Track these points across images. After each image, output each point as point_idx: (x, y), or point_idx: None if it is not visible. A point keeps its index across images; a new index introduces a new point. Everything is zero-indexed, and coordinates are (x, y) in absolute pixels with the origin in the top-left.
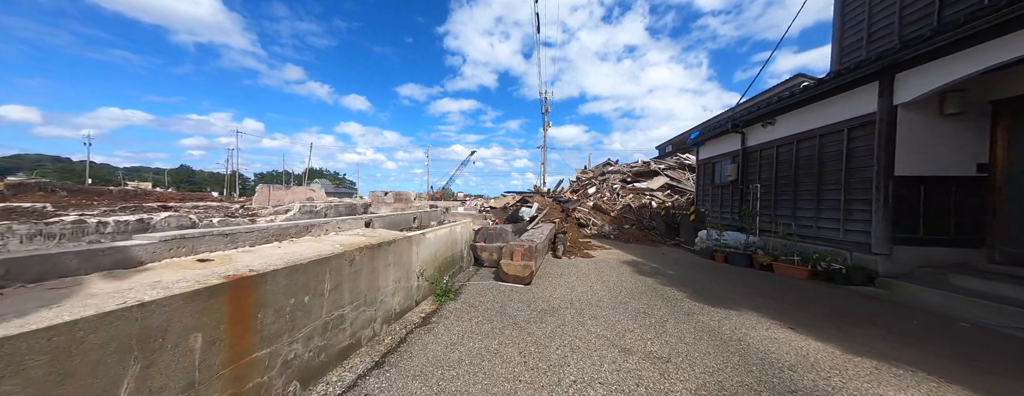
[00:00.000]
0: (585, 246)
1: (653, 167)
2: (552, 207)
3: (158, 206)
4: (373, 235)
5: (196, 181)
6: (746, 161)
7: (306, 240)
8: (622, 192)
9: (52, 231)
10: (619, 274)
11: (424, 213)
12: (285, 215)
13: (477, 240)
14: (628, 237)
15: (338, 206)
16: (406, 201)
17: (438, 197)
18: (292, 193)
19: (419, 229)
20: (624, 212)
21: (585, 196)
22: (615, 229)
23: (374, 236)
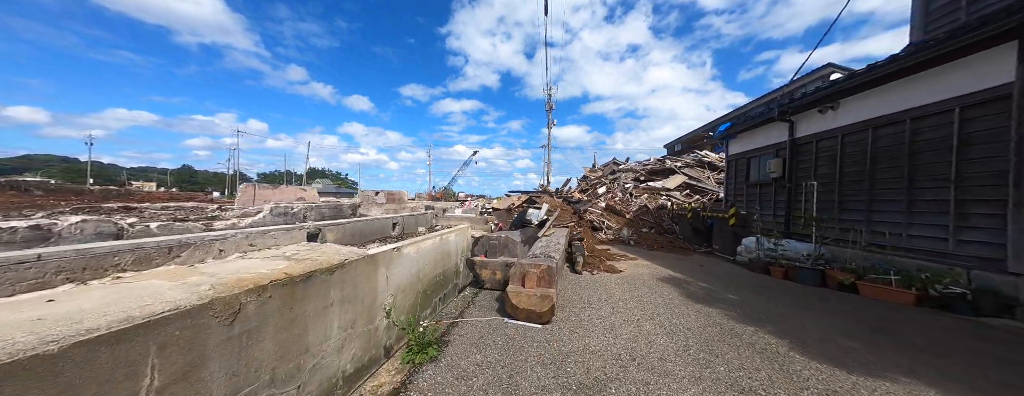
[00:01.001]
0: (605, 255)
1: (669, 165)
2: (562, 209)
3: (119, 207)
4: (309, 256)
5: (198, 181)
6: (795, 155)
7: (161, 275)
8: (635, 192)
9: None
10: (666, 301)
11: (410, 218)
12: (253, 217)
13: (476, 252)
14: (650, 243)
15: (321, 208)
16: (399, 202)
17: (439, 197)
18: (280, 192)
19: (396, 241)
20: (641, 213)
21: (595, 196)
22: (633, 233)
23: (309, 258)
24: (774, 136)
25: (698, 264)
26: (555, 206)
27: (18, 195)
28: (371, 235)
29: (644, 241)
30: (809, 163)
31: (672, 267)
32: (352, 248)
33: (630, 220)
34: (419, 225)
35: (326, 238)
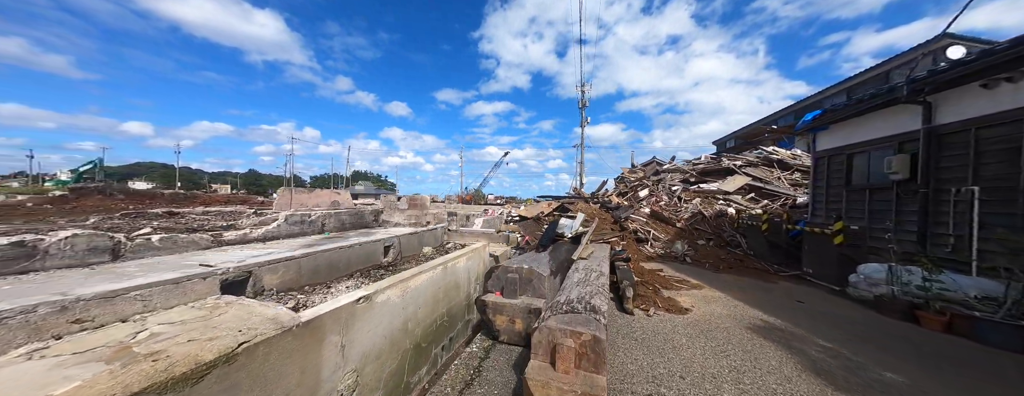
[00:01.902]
0: (659, 280)
1: (726, 163)
2: (599, 217)
3: (164, 212)
4: (164, 349)
5: (262, 183)
6: (936, 148)
7: None
8: (685, 195)
9: None
10: (781, 382)
11: (411, 237)
12: (268, 227)
13: (489, 287)
14: (713, 261)
15: (339, 215)
16: (421, 207)
17: (468, 199)
18: (315, 196)
19: (384, 273)
20: (694, 222)
21: (635, 200)
22: (688, 247)
23: (159, 356)
24: (895, 124)
25: (792, 297)
26: (591, 214)
27: (104, 199)
28: (350, 267)
29: (704, 258)
30: (962, 160)
31: (758, 303)
32: (278, 312)
33: (682, 230)
34: (424, 244)
35: (261, 283)
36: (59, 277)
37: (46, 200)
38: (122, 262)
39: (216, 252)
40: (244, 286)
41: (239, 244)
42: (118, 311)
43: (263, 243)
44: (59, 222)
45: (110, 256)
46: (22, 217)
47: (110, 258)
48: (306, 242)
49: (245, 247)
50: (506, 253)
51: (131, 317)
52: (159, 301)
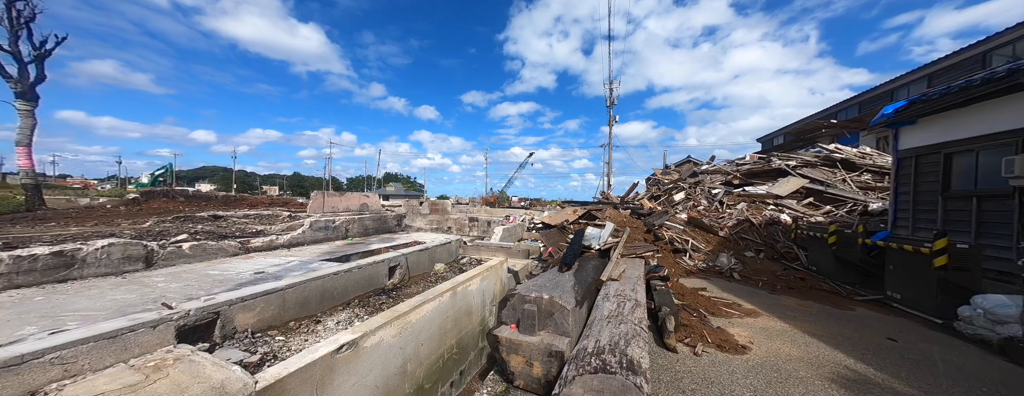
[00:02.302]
0: (703, 302)
1: (777, 163)
2: (630, 225)
3: (210, 216)
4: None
5: (305, 186)
6: None
7: None
8: (728, 200)
9: None
10: None
11: (421, 254)
12: (294, 233)
13: (504, 318)
14: (766, 277)
15: (363, 220)
16: (442, 212)
17: (492, 201)
18: (345, 199)
19: (387, 299)
20: (741, 231)
21: (670, 204)
22: (734, 259)
23: None
24: (1017, 117)
25: (878, 332)
26: (622, 222)
27: (167, 202)
28: (347, 294)
29: (754, 273)
30: None
31: (836, 339)
32: (229, 375)
33: (725, 240)
34: (436, 261)
35: (233, 324)
36: (75, 292)
37: (122, 202)
38: (153, 270)
39: (241, 260)
40: (211, 329)
41: (265, 251)
42: (26, 383)
43: (288, 249)
44: (122, 224)
45: (143, 264)
46: (97, 219)
47: (143, 266)
48: (329, 249)
49: (269, 254)
50: (527, 268)
51: (42, 390)
52: (89, 362)
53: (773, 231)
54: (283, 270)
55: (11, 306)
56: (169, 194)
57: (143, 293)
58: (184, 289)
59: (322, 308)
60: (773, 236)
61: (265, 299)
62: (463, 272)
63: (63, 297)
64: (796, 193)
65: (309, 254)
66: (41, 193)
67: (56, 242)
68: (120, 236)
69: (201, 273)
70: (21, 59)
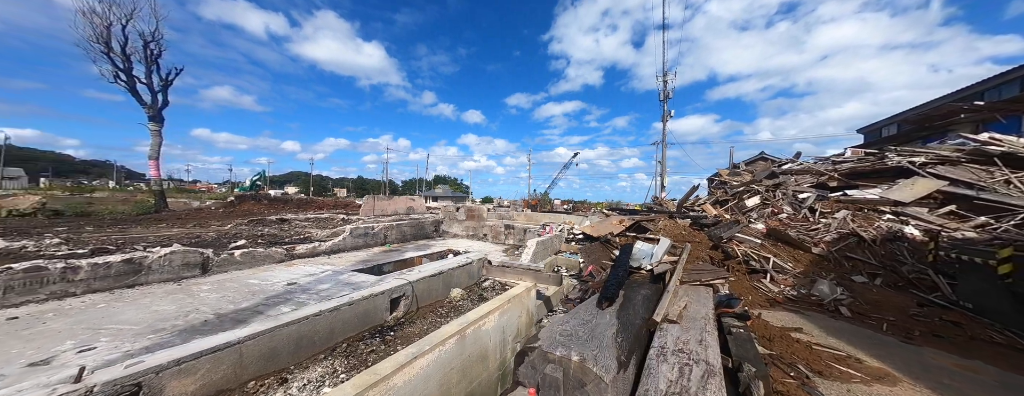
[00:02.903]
0: (801, 352)
1: (896, 160)
2: (691, 239)
3: (277, 219)
4: None
5: (367, 188)
6: None
7: None
8: (822, 207)
9: None
10: None
11: (431, 280)
12: (334, 240)
13: (521, 376)
14: (891, 314)
15: (401, 226)
16: (478, 218)
17: (534, 204)
18: (393, 203)
19: (389, 339)
20: (845, 247)
21: (739, 211)
22: (839, 286)
23: None
24: None
25: None
26: (679, 235)
27: (254, 204)
28: (333, 337)
29: (872, 308)
30: None
31: None
32: None
33: (822, 258)
34: (452, 285)
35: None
36: (132, 299)
37: (222, 205)
38: (207, 276)
39: (284, 268)
40: None
41: (308, 258)
42: None
43: (328, 256)
44: (212, 225)
45: (200, 270)
46: (198, 220)
47: (200, 272)
48: (365, 256)
49: (311, 261)
50: (562, 291)
51: None
52: None
53: (894, 249)
54: (314, 281)
55: (75, 313)
56: (256, 197)
57: (183, 304)
58: (219, 302)
59: (297, 359)
60: (895, 256)
61: (214, 357)
62: (483, 301)
63: (121, 305)
64: (927, 199)
65: (345, 262)
66: (165, 198)
67: (132, 249)
68: (182, 243)
69: (243, 282)
70: (153, 89)
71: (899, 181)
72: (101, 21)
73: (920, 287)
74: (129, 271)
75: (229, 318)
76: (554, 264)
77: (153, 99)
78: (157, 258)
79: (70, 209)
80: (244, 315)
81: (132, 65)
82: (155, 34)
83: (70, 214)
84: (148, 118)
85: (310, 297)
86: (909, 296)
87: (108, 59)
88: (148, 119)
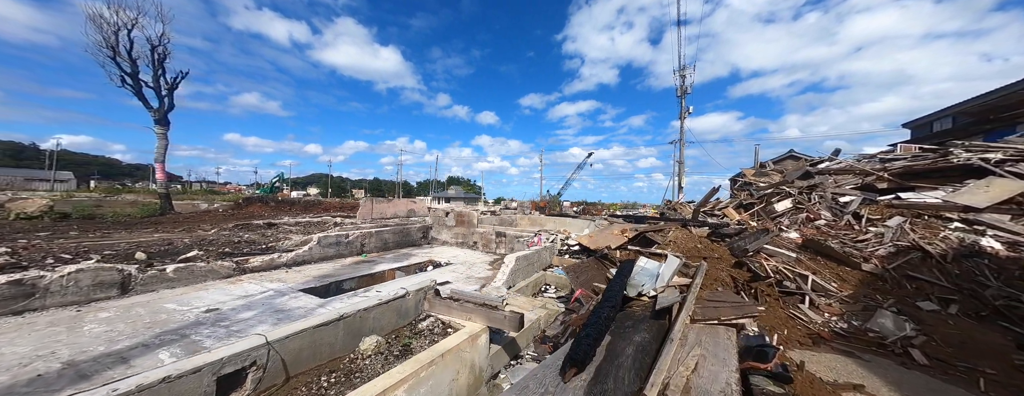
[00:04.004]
0: None
1: (965, 158)
2: (708, 253)
3: (265, 224)
4: None
5: (382, 189)
6: None
7: None
8: (870, 212)
9: None
10: None
11: (323, 330)
12: (300, 250)
13: None
14: (986, 362)
15: (382, 233)
16: (468, 224)
17: (543, 205)
18: (393, 205)
19: None
20: (906, 264)
21: (767, 216)
22: (903, 318)
23: None
24: None
25: None
26: (693, 249)
27: (261, 206)
28: None
29: (957, 350)
30: None
31: None
32: None
33: (875, 277)
34: (365, 332)
35: None
36: None
37: (230, 207)
38: (126, 297)
39: (227, 284)
40: None
41: (263, 271)
42: None
43: (286, 270)
44: (198, 230)
45: (118, 290)
46: (193, 223)
47: (118, 292)
48: (331, 269)
49: (265, 275)
50: (537, 326)
51: None
52: None
53: (972, 267)
54: (243, 305)
55: None
56: (263, 200)
57: (47, 343)
58: (95, 340)
59: None
60: (973, 276)
61: None
62: (408, 354)
63: None
64: (1007, 204)
65: (302, 277)
66: (171, 200)
67: (27, 268)
68: (149, 251)
69: (156, 307)
70: (159, 92)
71: (969, 182)
72: (109, 26)
73: (1011, 318)
74: (18, 295)
75: (76, 371)
76: (542, 283)
77: (160, 102)
78: (58, 278)
79: (77, 212)
80: (96, 367)
81: (139, 69)
82: (161, 38)
83: (76, 217)
84: (154, 121)
85: (218, 330)
86: (1000, 331)
87: (115, 63)
88: (154, 122)
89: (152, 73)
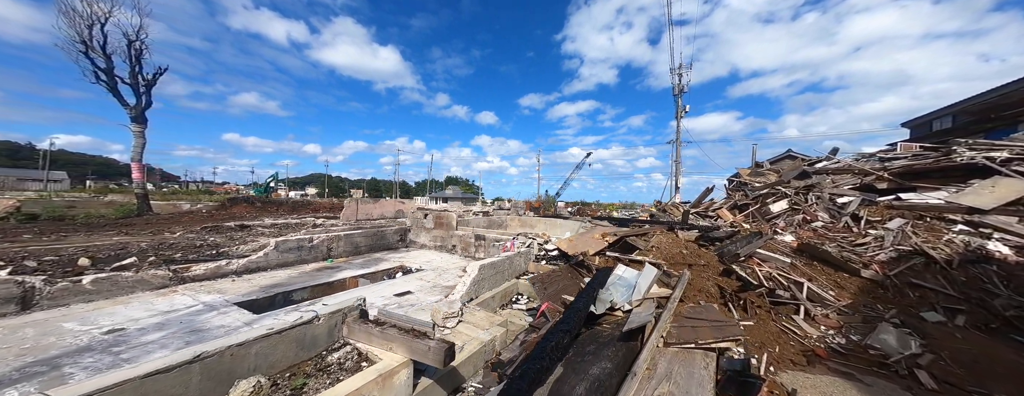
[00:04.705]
0: None
1: (969, 156)
2: (695, 260)
3: (237, 225)
4: None
5: (380, 189)
6: None
7: None
8: (869, 213)
9: None
10: None
11: (150, 380)
12: (254, 256)
13: None
14: (1002, 384)
15: (352, 237)
16: (446, 227)
17: (537, 205)
18: (380, 206)
19: None
20: (906, 270)
21: (762, 217)
22: (908, 332)
23: None
24: None
25: None
26: (677, 256)
27: (246, 207)
28: None
29: (969, 373)
30: None
31: None
32: None
33: (875, 283)
34: (239, 375)
35: None
36: None
37: (214, 208)
38: (26, 314)
39: (155, 296)
40: None
41: (205, 281)
42: None
43: (233, 280)
44: (166, 232)
45: (18, 306)
46: (166, 225)
47: (17, 308)
48: (286, 277)
49: (200, 287)
50: (493, 346)
51: None
52: None
53: (979, 274)
54: (155, 324)
55: None
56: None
57: None
58: None
59: None
60: (981, 283)
61: None
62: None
63: None
64: (1015, 205)
65: (246, 288)
66: (148, 201)
67: None
68: (99, 255)
69: (50, 327)
70: (137, 89)
71: (973, 182)
72: (82, 20)
73: (1023, 330)
74: None
75: None
76: (513, 293)
77: (138, 99)
78: None
79: (47, 213)
80: None
81: (114, 65)
82: (139, 32)
83: (45, 218)
84: (130, 119)
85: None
86: (1014, 347)
87: (87, 58)
88: (130, 120)
89: (129, 68)
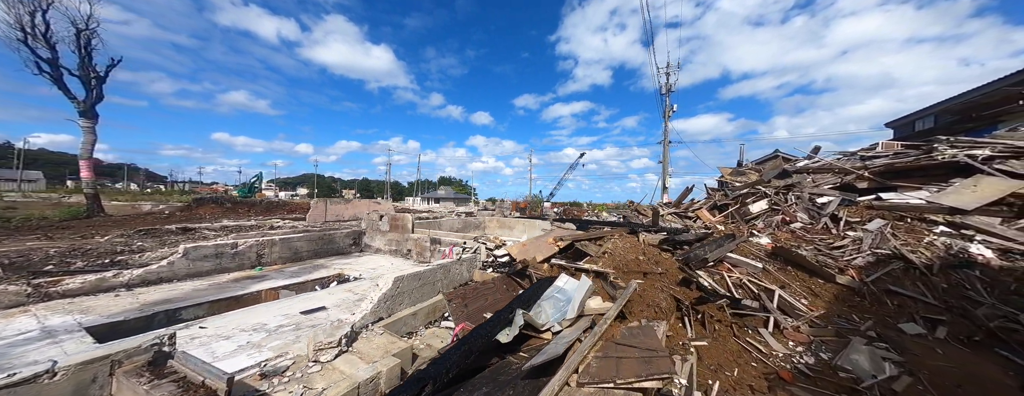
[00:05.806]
0: None
1: (950, 155)
2: (653, 267)
3: (178, 228)
4: None
5: (371, 189)
6: None
7: None
8: (848, 214)
9: None
10: None
11: None
12: (156, 266)
13: None
14: None
15: (291, 241)
16: (402, 229)
17: (523, 206)
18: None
19: None
20: (887, 275)
21: (741, 217)
22: (882, 348)
23: None
24: None
25: None
26: (631, 263)
27: (215, 207)
28: None
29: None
30: None
31: None
32: None
33: (851, 290)
34: None
35: None
36: None
37: (179, 208)
38: None
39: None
40: None
41: (80, 296)
42: None
43: (118, 294)
44: (100, 234)
45: None
46: (101, 227)
47: None
48: (190, 288)
49: (67, 305)
50: (369, 392)
51: None
52: None
53: (961, 280)
54: None
55: None
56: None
57: None
58: None
59: None
60: (963, 290)
61: None
62: None
63: None
64: (997, 205)
65: (125, 304)
66: (100, 201)
67: None
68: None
69: None
70: (87, 83)
71: (955, 181)
72: (24, 6)
73: (1009, 343)
74: None
75: None
76: (444, 308)
77: (87, 93)
78: None
79: None
80: None
81: (58, 55)
82: (88, 21)
83: None
84: (78, 113)
85: None
86: (999, 363)
87: (27, 47)
88: (78, 114)
89: (78, 60)
